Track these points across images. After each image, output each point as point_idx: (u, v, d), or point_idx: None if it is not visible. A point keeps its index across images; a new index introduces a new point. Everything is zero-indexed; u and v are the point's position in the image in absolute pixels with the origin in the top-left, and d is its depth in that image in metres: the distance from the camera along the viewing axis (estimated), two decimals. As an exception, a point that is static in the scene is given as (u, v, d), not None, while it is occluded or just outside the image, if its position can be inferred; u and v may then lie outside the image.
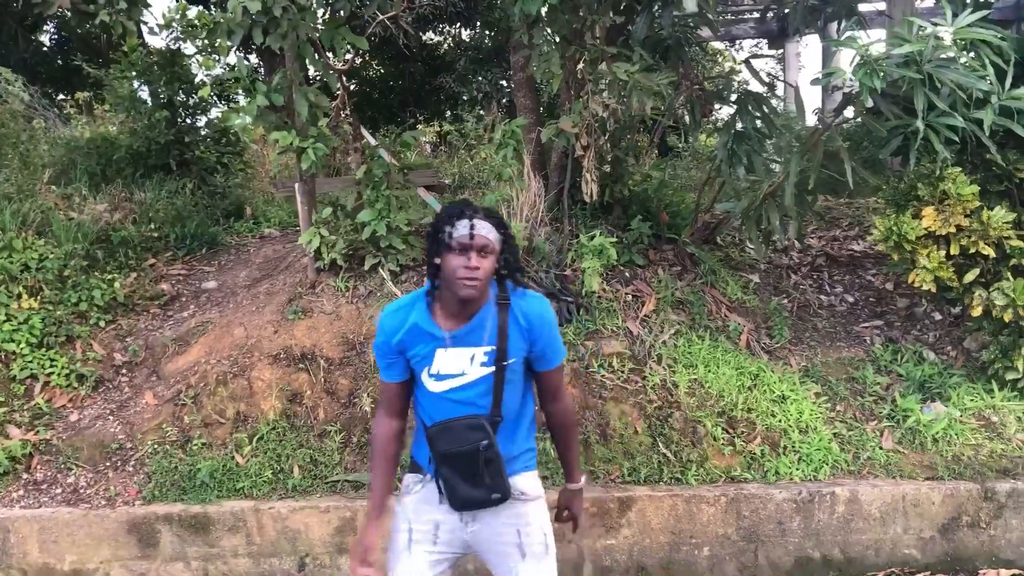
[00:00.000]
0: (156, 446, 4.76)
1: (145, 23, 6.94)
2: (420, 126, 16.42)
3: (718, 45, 16.38)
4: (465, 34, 16.32)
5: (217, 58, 6.97)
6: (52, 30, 15.06)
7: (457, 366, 2.60)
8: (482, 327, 2.58)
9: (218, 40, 4.62)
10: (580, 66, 4.97)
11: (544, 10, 4.89)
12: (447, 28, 16.12)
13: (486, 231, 2.48)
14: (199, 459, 4.66)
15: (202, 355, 5.25)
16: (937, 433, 4.85)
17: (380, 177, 5.32)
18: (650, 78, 4.71)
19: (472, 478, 2.57)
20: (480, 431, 2.57)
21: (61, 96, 14.16)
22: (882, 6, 8.72)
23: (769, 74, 17.14)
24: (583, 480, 2.95)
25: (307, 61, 4.82)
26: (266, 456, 4.69)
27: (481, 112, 13.76)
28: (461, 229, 2.45)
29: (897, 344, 5.53)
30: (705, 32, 11.70)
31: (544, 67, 4.88)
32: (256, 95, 4.80)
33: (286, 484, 4.59)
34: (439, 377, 2.62)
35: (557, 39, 4.98)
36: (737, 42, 16.91)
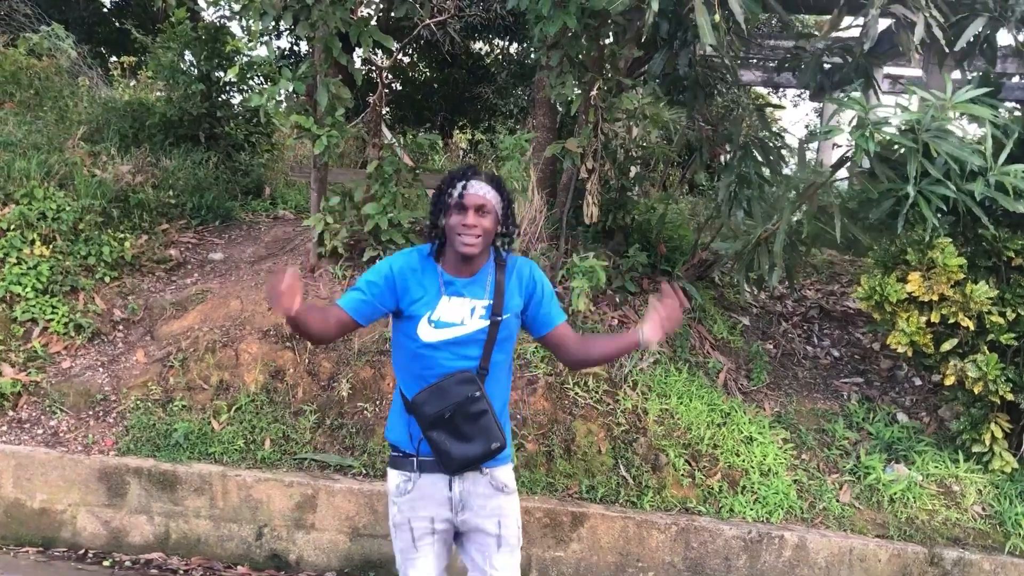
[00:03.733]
0: (139, 402, 4.94)
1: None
2: (456, 132, 16.66)
3: (762, 90, 16.47)
4: (513, 48, 16.55)
5: (262, 39, 7.14)
6: (114, -8, 15.51)
7: (458, 315, 2.68)
8: (483, 282, 2.72)
9: (251, 20, 4.80)
10: (594, 92, 5.11)
11: (568, 34, 5.05)
12: (495, 40, 16.35)
13: (484, 191, 2.62)
14: (177, 420, 4.84)
15: (197, 322, 5.44)
16: (895, 494, 4.92)
17: (390, 174, 5.49)
18: (658, 111, 4.85)
19: (465, 435, 2.64)
20: (471, 384, 2.65)
21: (114, 58, 14.54)
22: (918, 73, 8.82)
23: (807, 127, 17.23)
24: (644, 328, 2.76)
25: (333, 53, 4.99)
26: (241, 426, 4.86)
27: (516, 126, 13.94)
28: (459, 188, 2.61)
29: (873, 403, 5.61)
30: (747, 76, 11.84)
31: (558, 89, 5.03)
32: (280, 80, 4.98)
33: (256, 455, 4.75)
34: (439, 324, 2.67)
35: (575, 63, 5.13)
36: (780, 89, 17.02)
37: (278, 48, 16.52)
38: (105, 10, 16.00)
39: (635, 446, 4.96)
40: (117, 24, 14.74)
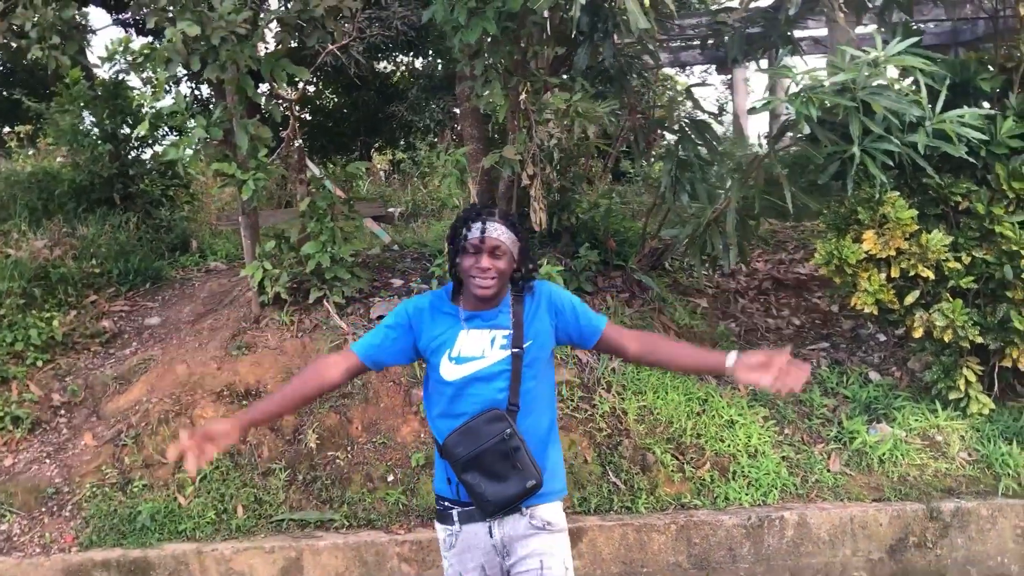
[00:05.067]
0: (95, 489, 4.62)
1: (82, 59, 6.80)
2: (374, 154, 16.40)
3: (669, 71, 16.59)
4: (418, 63, 16.36)
5: (167, 88, 6.82)
6: (-1, 61, 14.83)
7: (478, 347, 2.61)
8: (501, 313, 2.64)
9: (156, 70, 4.55)
10: (523, 96, 4.97)
11: (488, 40, 4.90)
12: (399, 57, 16.14)
13: (498, 233, 2.53)
14: (140, 501, 4.54)
15: (144, 393, 5.14)
16: (883, 454, 4.90)
17: (324, 209, 5.28)
18: (591, 106, 4.74)
19: (500, 475, 2.55)
20: (501, 421, 2.56)
21: (7, 130, 13.91)
22: (823, 33, 8.90)
23: (717, 101, 17.41)
24: (732, 355, 2.55)
25: (248, 92, 4.76)
26: (209, 496, 4.58)
27: (435, 140, 13.76)
28: (474, 231, 2.53)
29: (843, 366, 5.59)
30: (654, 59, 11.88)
31: (487, 97, 4.88)
32: (196, 128, 4.73)
33: (230, 525, 4.48)
34: (459, 360, 2.61)
35: (500, 69, 4.99)
36: (687, 68, 17.16)
37: (182, 94, 16.05)
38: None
39: (620, 449, 4.83)
40: (5, 94, 14.12)
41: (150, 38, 8.02)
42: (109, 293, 6.25)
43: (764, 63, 6.44)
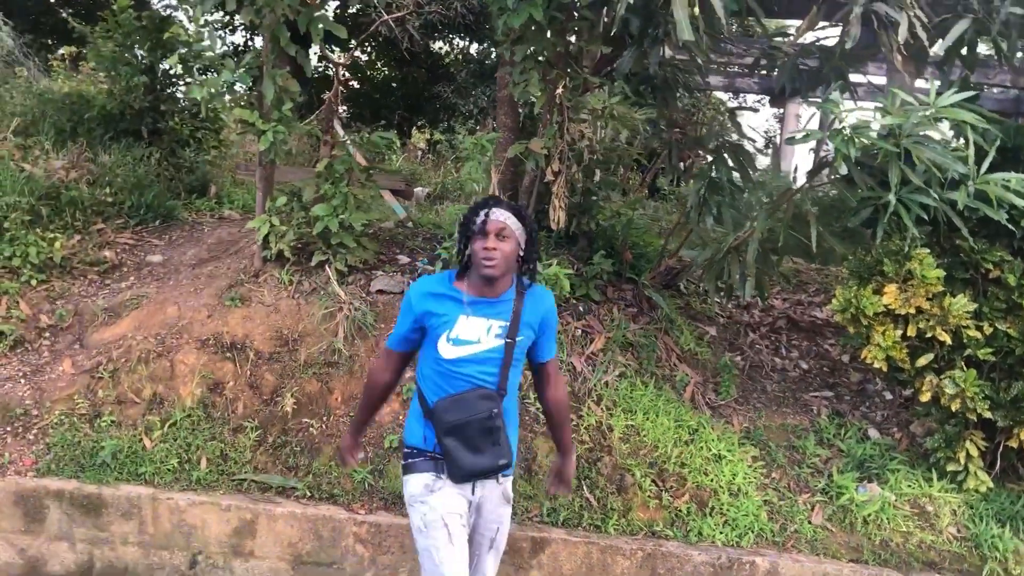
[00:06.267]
0: (63, 417, 4.55)
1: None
2: (414, 132, 16.31)
3: (722, 95, 16.38)
4: (473, 48, 16.26)
5: (201, 27, 6.71)
6: (60, -20, 14.88)
7: (475, 333, 2.83)
8: (502, 305, 2.85)
9: (194, 7, 4.45)
10: (560, 91, 4.83)
11: (532, 27, 4.76)
12: (455, 39, 16.05)
13: (504, 217, 2.78)
14: (105, 437, 4.46)
15: (130, 329, 5.05)
16: (869, 515, 4.72)
17: (342, 173, 5.16)
18: (627, 111, 4.59)
19: (477, 447, 2.80)
20: (491, 400, 2.82)
21: (62, 50, 13.94)
22: (883, 81, 8.68)
23: (766, 133, 17.17)
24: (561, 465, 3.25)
25: (281, 42, 4.64)
26: (175, 443, 4.49)
27: (476, 127, 13.65)
28: (481, 216, 2.79)
29: (844, 418, 5.40)
30: (713, 79, 11.68)
31: (522, 86, 4.74)
32: (223, 72, 4.63)
33: (191, 476, 4.38)
34: (457, 341, 2.83)
35: (540, 59, 4.84)
36: (741, 95, 16.93)
37: (232, 44, 16.06)
38: (51, 0, 15.37)
39: (599, 465, 4.68)
40: (63, 14, 14.14)
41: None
42: (117, 224, 6.18)
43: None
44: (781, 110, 14.02)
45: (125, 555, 4.23)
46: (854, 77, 6.11)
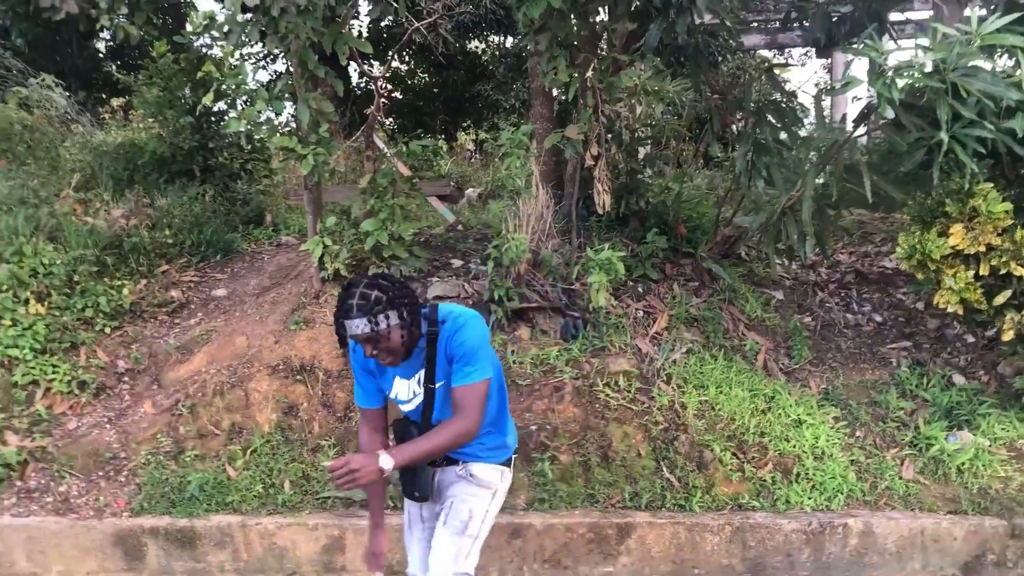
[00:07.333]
0: (149, 456, 4.69)
1: (152, 32, 6.89)
2: (459, 134, 16.36)
3: (765, 53, 16.01)
4: (508, 43, 16.23)
5: (233, 61, 6.84)
6: (107, 37, 15.33)
7: (407, 392, 2.91)
8: (417, 359, 2.81)
9: (219, 40, 4.54)
10: (590, 74, 4.79)
11: (553, 14, 4.72)
12: (489, 36, 16.04)
13: (359, 328, 2.57)
14: (190, 471, 4.58)
15: (203, 364, 5.18)
16: (962, 464, 4.57)
17: (385, 186, 5.21)
18: (661, 85, 4.52)
19: (406, 474, 2.93)
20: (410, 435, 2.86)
21: (113, 101, 14.39)
22: (927, 16, 8.37)
23: (816, 85, 16.71)
24: (390, 461, 2.57)
25: (309, 66, 4.70)
26: (258, 470, 4.59)
27: (519, 121, 13.64)
28: (340, 333, 2.64)
29: (925, 367, 5.24)
30: (748, 40, 11.44)
31: (551, 75, 4.71)
32: (257, 102, 4.71)
33: (276, 499, 4.48)
34: (397, 400, 2.95)
35: (566, 44, 4.80)
36: (785, 50, 16.52)
37: (275, 72, 16.34)
38: (100, 56, 15.86)
39: (676, 445, 4.63)
40: (111, 68, 14.60)
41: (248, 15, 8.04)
42: (180, 263, 6.34)
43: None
44: (828, 60, 13.65)
45: (223, 583, 4.35)
46: (895, 17, 5.91)
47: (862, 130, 4.66)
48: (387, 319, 2.58)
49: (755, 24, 11.71)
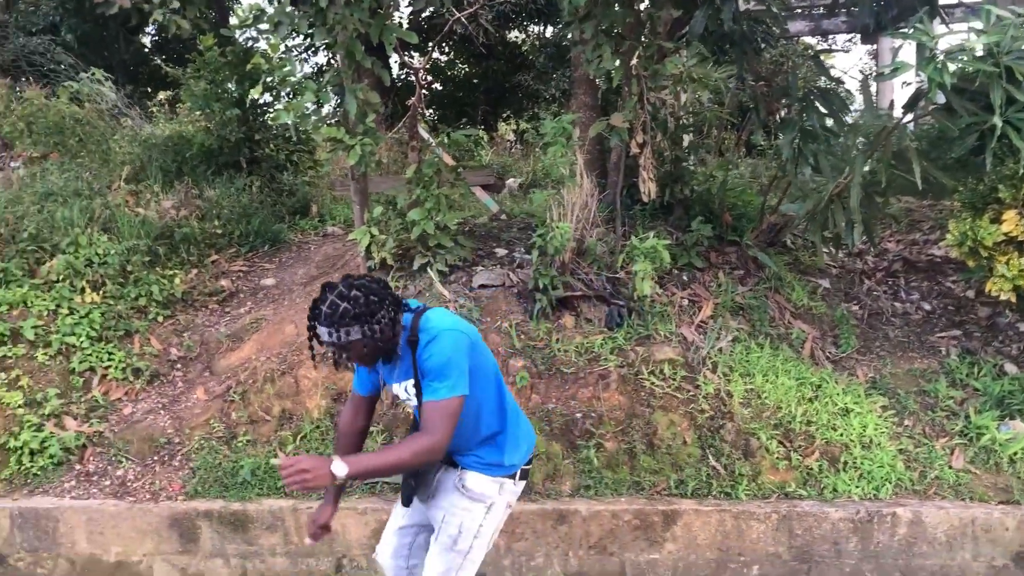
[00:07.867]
0: (203, 441, 4.80)
1: (203, 25, 7.00)
2: (500, 124, 16.39)
3: (809, 40, 15.81)
4: (548, 32, 16.21)
5: (282, 54, 6.93)
6: (152, 32, 15.59)
7: (404, 393, 2.87)
8: (404, 365, 2.79)
9: (266, 32, 4.60)
10: (635, 62, 4.78)
11: (598, 2, 4.73)
12: (529, 26, 16.03)
13: (328, 335, 2.58)
14: (243, 456, 4.68)
15: (253, 352, 5.29)
16: (1015, 454, 4.52)
17: (431, 176, 5.25)
18: (706, 72, 4.50)
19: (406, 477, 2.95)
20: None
21: (160, 95, 14.63)
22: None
23: (861, 72, 16.47)
24: (344, 468, 2.48)
25: (356, 57, 4.76)
26: (308, 455, 4.66)
27: (560, 110, 13.63)
28: (310, 329, 2.66)
29: (975, 356, 5.17)
30: (793, 27, 11.32)
31: (596, 63, 4.72)
32: (304, 93, 4.78)
33: (326, 484, 4.55)
34: (396, 399, 3.10)
35: (611, 32, 4.80)
36: (830, 37, 16.30)
37: (316, 64, 16.52)
38: (146, 50, 16.12)
39: (722, 433, 4.63)
40: (158, 62, 14.84)
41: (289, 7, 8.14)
42: (229, 254, 6.46)
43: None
44: (874, 46, 13.46)
45: (275, 566, 4.45)
46: (945, 0, 5.82)
47: (910, 116, 4.60)
48: (348, 335, 2.56)
49: (799, 10, 11.60)
